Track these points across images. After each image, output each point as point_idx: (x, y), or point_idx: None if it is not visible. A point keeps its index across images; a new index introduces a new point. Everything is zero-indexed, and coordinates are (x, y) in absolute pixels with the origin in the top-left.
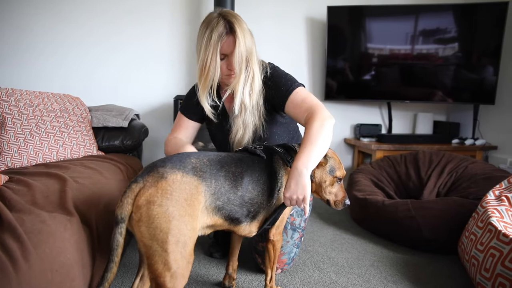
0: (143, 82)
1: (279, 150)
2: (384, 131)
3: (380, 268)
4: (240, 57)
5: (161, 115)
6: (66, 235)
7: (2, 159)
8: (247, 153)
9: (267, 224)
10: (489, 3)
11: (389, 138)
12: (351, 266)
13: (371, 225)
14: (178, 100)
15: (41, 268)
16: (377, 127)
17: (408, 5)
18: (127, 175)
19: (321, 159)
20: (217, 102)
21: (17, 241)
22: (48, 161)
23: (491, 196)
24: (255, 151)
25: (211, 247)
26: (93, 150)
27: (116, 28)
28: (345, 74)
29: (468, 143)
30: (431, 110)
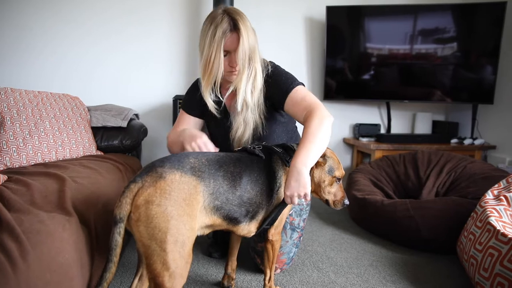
0: (143, 82)
1: (278, 150)
2: (383, 131)
3: (379, 267)
4: (243, 55)
5: (160, 115)
6: (64, 235)
7: (1, 158)
8: (246, 153)
9: (266, 224)
10: (488, 3)
11: (388, 137)
12: (350, 266)
13: (370, 225)
14: (177, 100)
15: (39, 268)
16: (376, 127)
17: (407, 5)
18: (126, 175)
19: (320, 159)
20: (221, 97)
21: (15, 241)
22: (47, 161)
23: (489, 195)
24: (254, 151)
25: (210, 247)
26: (92, 149)
27: (115, 27)
28: (344, 74)
29: (467, 142)
30: (430, 109)
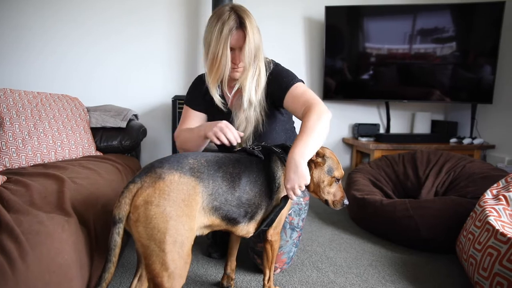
0: (142, 82)
1: (277, 150)
2: (382, 131)
3: (378, 267)
4: (249, 52)
5: (159, 115)
6: (64, 235)
7: (0, 159)
8: (245, 153)
9: (264, 225)
10: (486, 3)
11: (387, 137)
12: (349, 265)
13: (370, 224)
14: (176, 100)
15: (38, 269)
16: (375, 126)
17: (405, 5)
18: (125, 176)
19: (319, 160)
20: (228, 94)
21: (14, 242)
22: (46, 162)
23: (488, 195)
24: (253, 152)
25: (210, 247)
26: (91, 150)
27: (115, 27)
28: (343, 73)
29: (466, 142)
30: (429, 109)
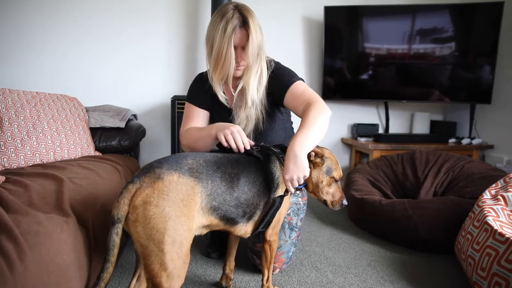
0: (141, 82)
1: (276, 150)
2: (381, 131)
3: (377, 267)
4: (253, 51)
5: (158, 115)
6: (62, 236)
7: None
8: (244, 154)
9: (262, 226)
10: (485, 3)
11: (386, 137)
12: (348, 266)
13: (368, 224)
14: (175, 100)
15: (37, 269)
16: (374, 126)
17: (405, 5)
18: (124, 176)
19: (318, 160)
20: (232, 92)
21: (13, 242)
22: (45, 162)
23: (487, 195)
24: (252, 152)
25: (208, 247)
26: (90, 150)
27: (114, 28)
28: (342, 73)
29: (464, 142)
30: (428, 109)
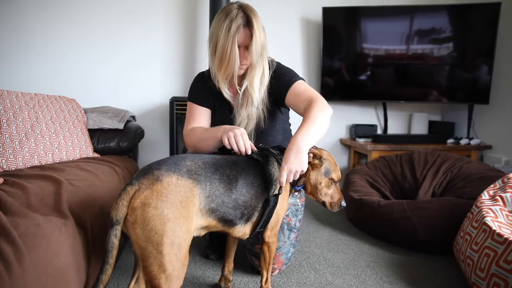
0: (140, 83)
1: (275, 152)
2: (379, 132)
3: (376, 268)
4: (256, 50)
5: (157, 116)
6: (61, 238)
7: None
8: (244, 155)
9: (259, 227)
10: (483, 4)
11: (384, 138)
12: (347, 267)
13: (367, 225)
14: (174, 101)
15: (35, 272)
16: (373, 127)
17: (403, 6)
18: (122, 177)
19: (316, 161)
20: (238, 90)
21: (11, 244)
22: (43, 163)
23: (485, 196)
24: (253, 156)
25: (207, 248)
26: (88, 152)
27: (114, 28)
28: (340, 74)
29: (463, 142)
30: (426, 110)
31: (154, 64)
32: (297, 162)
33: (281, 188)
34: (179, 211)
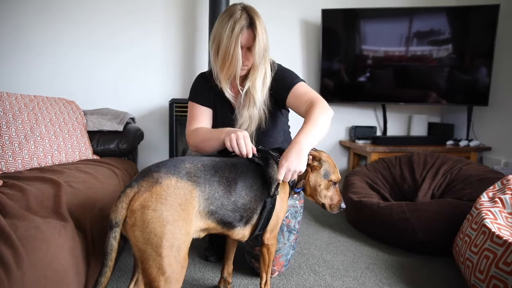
0: (139, 85)
1: (274, 154)
2: (379, 133)
3: (375, 270)
4: (259, 52)
5: (156, 118)
6: (60, 241)
7: None
8: (243, 158)
9: (258, 230)
10: (481, 6)
11: (384, 140)
12: (346, 269)
13: (366, 227)
14: (173, 103)
15: (34, 275)
16: (372, 129)
17: (402, 8)
18: (122, 179)
19: (316, 163)
20: (240, 91)
21: (10, 247)
22: (43, 166)
23: (484, 198)
24: (254, 159)
25: (206, 250)
26: (88, 154)
27: (114, 29)
28: (340, 76)
29: (462, 144)
30: (426, 111)
31: (153, 65)
32: (297, 161)
33: (278, 187)
34: (178, 214)
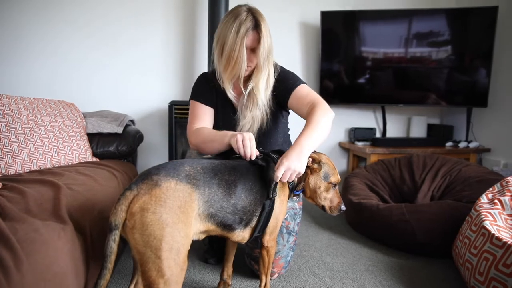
0: (139, 87)
1: (275, 156)
2: (378, 135)
3: (375, 272)
4: (264, 54)
5: (156, 121)
6: (59, 243)
7: None
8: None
9: (257, 232)
10: (480, 8)
11: (383, 141)
12: (346, 271)
13: (366, 229)
14: (173, 105)
15: (33, 278)
16: (372, 130)
17: (401, 10)
18: (121, 182)
19: (315, 165)
20: (243, 91)
21: (9, 250)
22: (42, 168)
23: (484, 199)
24: (257, 161)
25: (206, 253)
26: (87, 156)
27: (114, 31)
28: (339, 78)
29: (461, 146)
30: (425, 113)
31: (153, 67)
32: (297, 162)
33: (276, 188)
34: (178, 216)
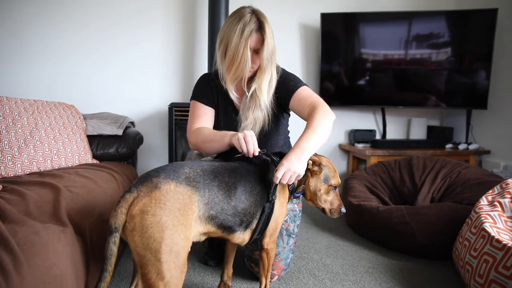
0: (139, 89)
1: (275, 159)
2: (378, 137)
3: (375, 274)
4: (267, 55)
5: (156, 122)
6: (59, 246)
7: None
8: (247, 160)
9: (257, 234)
10: (480, 10)
11: (383, 143)
12: (346, 273)
13: (366, 231)
14: (173, 107)
15: (33, 280)
16: (372, 132)
17: (401, 12)
18: (121, 184)
19: (316, 168)
20: (246, 92)
21: (9, 253)
22: (42, 170)
23: (484, 201)
24: (261, 156)
25: (206, 255)
26: (87, 158)
27: (114, 33)
28: (339, 80)
29: (461, 147)
30: (425, 115)
31: (153, 69)
32: (298, 163)
33: (276, 189)
34: (178, 219)
